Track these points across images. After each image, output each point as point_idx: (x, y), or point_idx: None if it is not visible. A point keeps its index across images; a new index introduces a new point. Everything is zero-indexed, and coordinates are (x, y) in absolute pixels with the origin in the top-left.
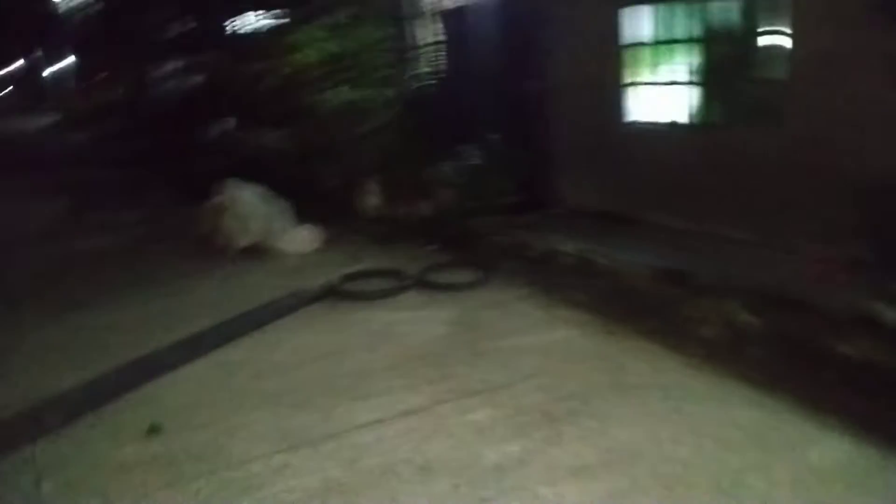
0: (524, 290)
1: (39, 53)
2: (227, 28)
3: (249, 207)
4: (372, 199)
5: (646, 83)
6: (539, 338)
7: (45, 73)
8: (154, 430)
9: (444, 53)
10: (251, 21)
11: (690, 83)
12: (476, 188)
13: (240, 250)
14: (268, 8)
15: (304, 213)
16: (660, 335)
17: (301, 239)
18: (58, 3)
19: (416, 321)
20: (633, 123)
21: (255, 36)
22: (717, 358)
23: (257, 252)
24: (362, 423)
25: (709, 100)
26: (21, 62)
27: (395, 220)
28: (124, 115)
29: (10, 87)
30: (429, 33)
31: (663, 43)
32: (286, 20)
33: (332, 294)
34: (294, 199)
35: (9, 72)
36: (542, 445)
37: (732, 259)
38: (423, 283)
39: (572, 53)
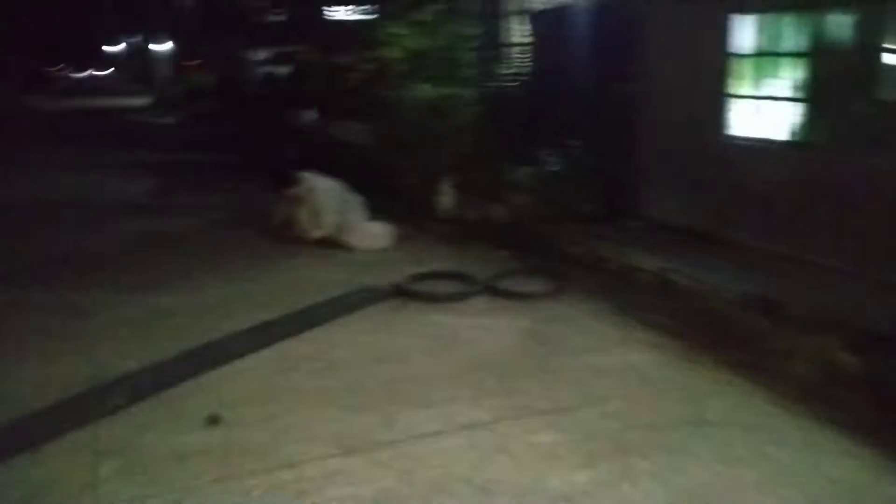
0: (599, 305)
1: (141, 37)
2: (317, 20)
3: (324, 200)
4: (446, 199)
5: (748, 96)
6: (613, 359)
7: (144, 56)
8: (213, 420)
9: (529, 54)
10: (341, 13)
11: (796, 99)
12: (553, 194)
13: (312, 242)
14: (358, 2)
15: (378, 209)
16: (746, 368)
17: (373, 235)
18: None
19: (484, 329)
20: (730, 137)
21: (343, 28)
22: (808, 399)
23: (329, 245)
24: (421, 434)
25: (815, 118)
26: (122, 45)
27: (468, 221)
28: (213, 101)
29: (112, 69)
30: (515, 34)
31: (771, 54)
32: (375, 15)
33: (400, 294)
34: (369, 194)
35: (111, 53)
36: (610, 478)
37: (829, 289)
38: (492, 290)
39: (669, 59)
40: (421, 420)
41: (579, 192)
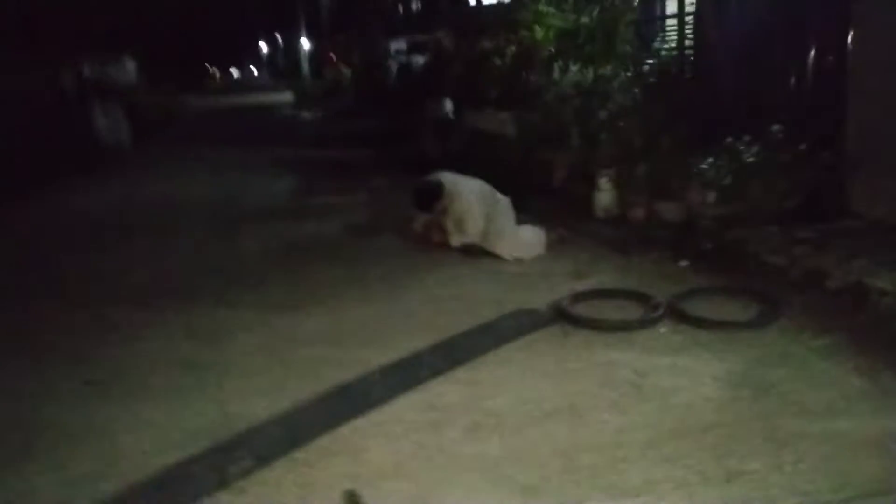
0: (825, 339)
1: (285, 35)
2: (456, 4)
3: (469, 204)
4: (606, 196)
5: None
6: (868, 425)
7: (288, 53)
8: (351, 500)
9: (701, 25)
10: None
11: None
12: (740, 190)
13: (456, 250)
14: None
15: (526, 208)
16: None
17: (524, 242)
18: None
19: (678, 372)
20: None
21: (483, 11)
22: None
23: (475, 254)
24: None
25: None
26: (268, 44)
27: (633, 223)
28: (352, 95)
29: (260, 68)
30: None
31: None
32: None
33: (563, 318)
34: (515, 191)
35: (259, 52)
36: None
37: None
38: (679, 314)
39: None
40: None
41: (777, 186)
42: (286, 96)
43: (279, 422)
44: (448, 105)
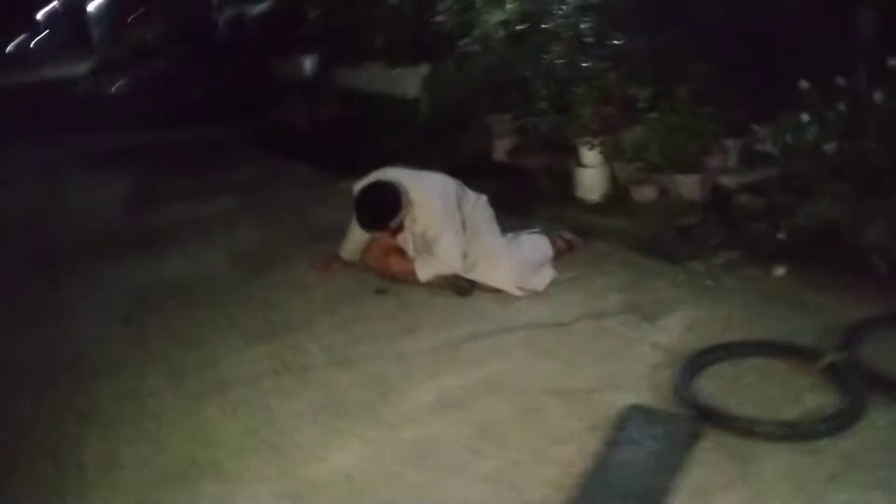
0: None
1: None
2: None
3: (438, 215)
4: (594, 175)
5: None
6: None
7: (77, 15)
8: None
9: None
10: None
11: None
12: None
13: (430, 287)
14: None
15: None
16: None
17: (527, 263)
18: None
19: None
20: None
21: None
22: None
23: (460, 291)
24: None
25: None
26: (51, 6)
27: (642, 209)
28: (167, 58)
29: (46, 31)
30: None
31: None
32: None
33: (706, 419)
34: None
35: (45, 13)
36: None
37: None
38: (876, 381)
39: None
40: None
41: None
42: (80, 68)
43: None
44: (308, 62)
